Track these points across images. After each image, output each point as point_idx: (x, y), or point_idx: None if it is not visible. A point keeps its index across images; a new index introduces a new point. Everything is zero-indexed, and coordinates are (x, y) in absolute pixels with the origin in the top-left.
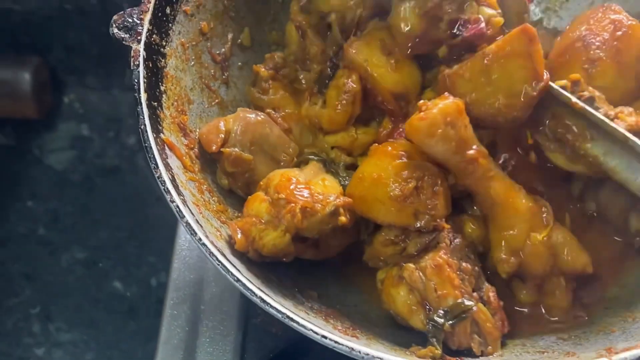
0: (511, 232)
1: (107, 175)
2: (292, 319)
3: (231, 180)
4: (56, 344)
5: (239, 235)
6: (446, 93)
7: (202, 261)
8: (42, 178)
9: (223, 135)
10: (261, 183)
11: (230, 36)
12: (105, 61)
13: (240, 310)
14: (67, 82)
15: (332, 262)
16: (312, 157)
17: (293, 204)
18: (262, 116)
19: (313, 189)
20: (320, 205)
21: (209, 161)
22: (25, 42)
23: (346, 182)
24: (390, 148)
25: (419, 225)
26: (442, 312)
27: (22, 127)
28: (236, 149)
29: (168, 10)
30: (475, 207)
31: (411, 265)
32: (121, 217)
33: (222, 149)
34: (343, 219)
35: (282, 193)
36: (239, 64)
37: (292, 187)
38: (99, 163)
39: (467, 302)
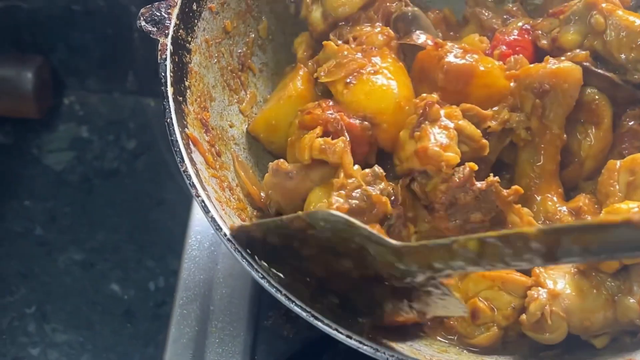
0: None
1: (106, 178)
2: (317, 318)
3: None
4: (52, 344)
5: None
6: None
7: (212, 262)
8: (39, 178)
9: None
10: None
11: (252, 36)
12: (107, 64)
13: (251, 312)
14: (67, 83)
15: None
16: None
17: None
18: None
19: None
20: None
21: (230, 160)
22: (29, 40)
23: None
24: None
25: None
26: None
27: (21, 127)
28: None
29: (194, 6)
30: None
31: None
32: (119, 220)
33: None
34: None
35: None
36: (259, 64)
37: None
38: (98, 165)
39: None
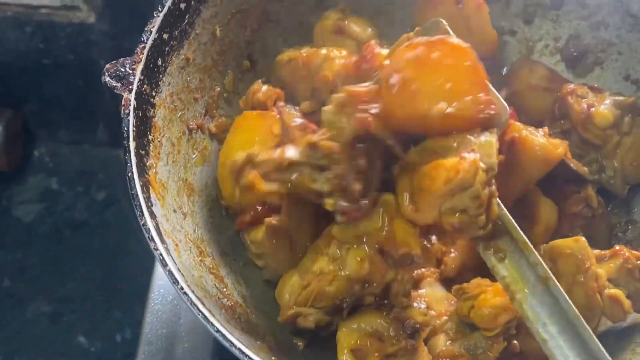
0: None
1: (76, 229)
2: None
3: None
4: None
5: None
6: None
7: (174, 316)
8: (9, 229)
9: None
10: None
11: (217, 90)
12: (78, 116)
13: None
14: (38, 135)
15: None
16: None
17: None
18: None
19: None
20: None
21: (192, 213)
22: (0, 94)
23: None
24: None
25: None
26: None
27: None
28: None
29: (159, 62)
30: None
31: None
32: (88, 271)
33: None
34: None
35: None
36: (224, 117)
37: None
38: (68, 217)
39: None
